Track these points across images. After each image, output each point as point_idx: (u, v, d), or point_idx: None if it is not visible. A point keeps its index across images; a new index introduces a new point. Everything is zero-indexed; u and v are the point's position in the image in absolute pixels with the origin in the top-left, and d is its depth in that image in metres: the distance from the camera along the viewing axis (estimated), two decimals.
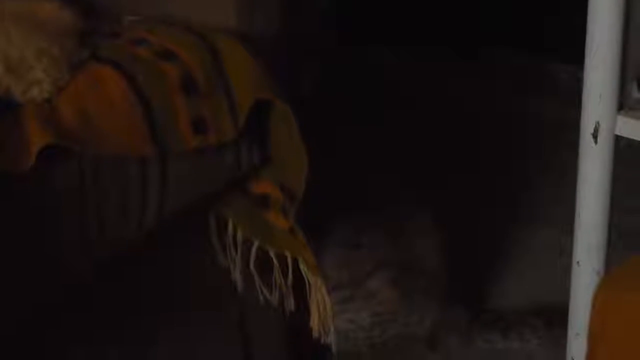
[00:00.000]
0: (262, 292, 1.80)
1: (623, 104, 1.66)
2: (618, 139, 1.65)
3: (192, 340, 1.83)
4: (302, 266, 1.76)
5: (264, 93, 1.66)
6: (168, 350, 1.80)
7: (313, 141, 1.67)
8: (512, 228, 2.44)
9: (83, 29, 1.71)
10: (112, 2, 1.81)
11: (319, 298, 1.79)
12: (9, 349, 1.38)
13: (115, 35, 1.72)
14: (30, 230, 1.48)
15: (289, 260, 1.76)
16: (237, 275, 1.81)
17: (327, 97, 1.99)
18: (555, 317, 2.08)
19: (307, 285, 1.78)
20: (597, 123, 1.65)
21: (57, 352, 1.62)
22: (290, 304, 1.81)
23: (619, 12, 1.60)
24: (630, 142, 1.62)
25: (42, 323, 1.56)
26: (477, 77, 2.82)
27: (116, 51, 1.65)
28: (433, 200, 2.17)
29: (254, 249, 1.76)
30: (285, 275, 1.77)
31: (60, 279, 1.55)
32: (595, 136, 1.66)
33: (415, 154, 2.41)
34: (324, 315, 1.80)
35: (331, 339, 1.85)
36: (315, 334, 1.83)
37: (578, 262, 1.74)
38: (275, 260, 1.76)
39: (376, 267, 2.07)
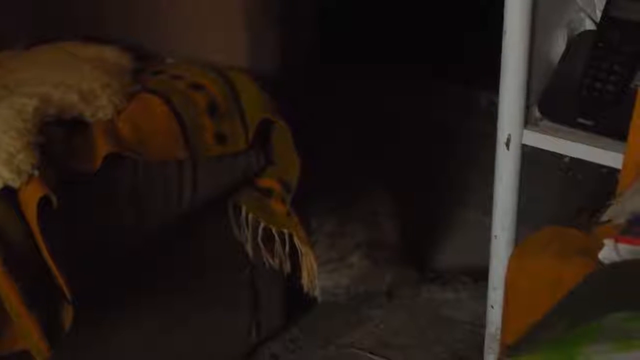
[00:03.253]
0: (266, 259, 1.81)
1: (527, 121, 1.67)
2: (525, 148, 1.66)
3: (217, 291, 1.83)
4: (296, 240, 1.76)
5: (268, 115, 1.66)
6: (199, 299, 1.80)
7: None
8: (448, 210, 2.44)
9: (135, 68, 1.71)
10: (157, 49, 1.81)
11: (308, 263, 1.80)
12: (87, 297, 1.38)
13: (158, 73, 1.71)
14: (99, 214, 1.48)
15: (287, 235, 1.76)
16: (248, 247, 1.81)
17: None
18: (480, 275, 2.08)
19: (300, 254, 1.79)
20: (509, 135, 1.65)
21: (118, 303, 1.61)
22: (287, 267, 1.81)
23: (525, 52, 1.60)
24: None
25: (107, 281, 1.56)
26: (414, 95, 2.78)
27: (160, 84, 1.65)
28: (394, 195, 2.18)
29: (260, 228, 1.76)
30: (283, 247, 1.77)
31: (119, 249, 1.55)
32: (507, 145, 1.66)
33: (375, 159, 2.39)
34: (312, 275, 1.81)
35: (317, 293, 1.85)
36: (305, 289, 1.84)
37: (495, 236, 1.75)
38: (276, 236, 1.76)
39: (355, 248, 2.07)
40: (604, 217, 1.16)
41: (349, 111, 2.51)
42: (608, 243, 1.05)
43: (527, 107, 1.65)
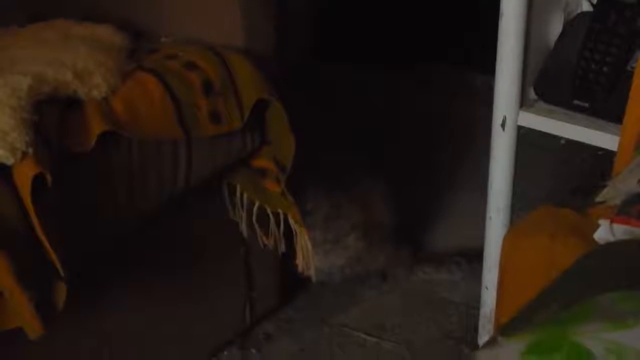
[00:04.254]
0: (261, 238, 1.80)
1: (523, 102, 1.66)
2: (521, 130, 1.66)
3: (211, 270, 1.83)
4: (290, 220, 1.76)
5: (263, 94, 1.66)
6: (194, 278, 1.80)
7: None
8: (443, 191, 2.44)
9: (131, 47, 1.70)
10: (152, 27, 1.80)
11: (303, 243, 1.80)
12: (75, 277, 1.38)
13: (153, 52, 1.70)
14: (93, 192, 1.47)
15: (281, 215, 1.76)
16: (243, 227, 1.81)
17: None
18: (474, 257, 2.08)
19: (294, 234, 1.79)
20: (505, 117, 1.65)
21: (111, 282, 1.61)
22: (282, 247, 1.81)
23: (521, 36, 1.60)
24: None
25: (100, 260, 1.56)
26: (414, 82, 2.78)
27: (155, 63, 1.64)
28: (389, 177, 2.18)
29: (255, 208, 1.76)
30: (278, 227, 1.77)
31: (113, 227, 1.55)
32: (503, 126, 1.66)
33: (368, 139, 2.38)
34: (307, 255, 1.81)
35: (312, 273, 1.85)
36: (299, 270, 1.84)
37: (490, 217, 1.75)
38: (271, 216, 1.76)
39: (350, 229, 2.07)
40: (599, 198, 1.16)
41: (345, 98, 2.52)
42: (603, 223, 1.05)
43: (523, 89, 1.65)
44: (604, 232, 1.04)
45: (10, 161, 1.32)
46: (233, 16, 1.73)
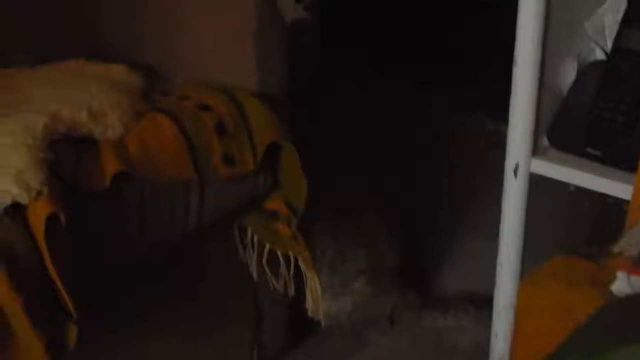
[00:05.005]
0: (271, 281, 1.80)
1: (536, 150, 1.66)
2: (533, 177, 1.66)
3: (221, 312, 1.82)
4: (301, 263, 1.75)
5: (276, 137, 1.66)
6: (204, 319, 1.79)
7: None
8: (452, 235, 2.43)
9: (145, 88, 1.71)
10: (166, 68, 1.81)
11: (313, 287, 1.79)
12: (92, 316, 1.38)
13: (168, 93, 1.71)
14: (105, 232, 1.47)
15: (292, 258, 1.75)
16: (253, 269, 1.80)
17: None
18: (482, 302, 2.07)
19: (305, 277, 1.78)
20: (517, 164, 1.65)
21: (123, 323, 1.60)
22: (292, 290, 1.80)
23: (536, 82, 1.60)
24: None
25: (112, 301, 1.55)
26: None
27: (169, 104, 1.65)
28: (397, 220, 2.18)
29: (266, 250, 1.76)
30: (288, 270, 1.76)
31: (125, 268, 1.54)
32: (515, 173, 1.66)
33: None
34: (317, 299, 1.80)
35: (321, 317, 1.84)
36: (309, 313, 1.83)
37: (501, 264, 1.74)
38: (281, 259, 1.76)
39: (358, 274, 2.07)
40: (616, 249, 1.16)
41: (351, 130, 2.51)
42: (621, 275, 1.04)
43: (536, 136, 1.65)
44: (622, 285, 1.04)
45: (25, 200, 1.33)
46: (247, 57, 1.74)
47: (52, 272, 1.31)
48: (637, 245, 1.11)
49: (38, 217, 1.31)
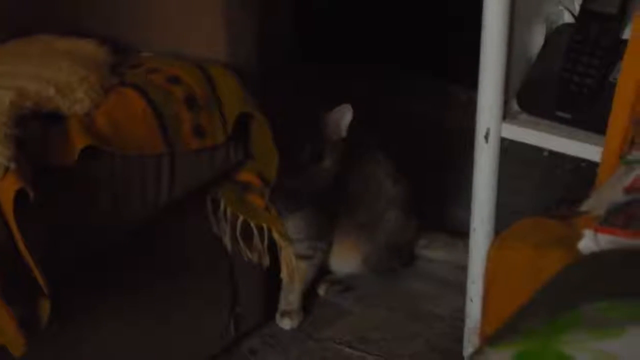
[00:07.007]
0: (245, 253, 1.80)
1: (506, 115, 1.67)
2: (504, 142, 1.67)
3: (195, 285, 1.82)
4: (274, 234, 1.75)
5: (246, 108, 1.65)
6: (178, 293, 1.79)
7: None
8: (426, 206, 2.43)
9: (113, 62, 1.70)
10: (133, 41, 1.80)
11: (287, 257, 1.79)
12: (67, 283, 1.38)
13: (136, 66, 1.70)
14: (75, 207, 1.47)
15: (265, 230, 1.75)
16: (227, 241, 1.80)
17: None
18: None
19: (278, 248, 1.79)
20: (488, 129, 1.66)
21: (95, 298, 1.60)
22: (266, 261, 1.80)
23: (504, 46, 1.60)
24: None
25: (84, 276, 1.55)
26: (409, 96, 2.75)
27: (137, 78, 1.64)
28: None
29: (239, 222, 1.75)
30: (262, 241, 1.77)
31: (96, 243, 1.54)
32: (486, 138, 1.67)
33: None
34: (290, 268, 1.81)
35: (296, 287, 1.85)
36: (284, 283, 1.84)
37: (474, 229, 1.76)
38: (255, 230, 1.76)
39: None
40: (583, 208, 1.17)
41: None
42: (587, 233, 1.05)
43: (506, 101, 1.66)
44: (589, 242, 1.04)
45: None
46: (215, 28, 1.73)
47: (22, 248, 1.31)
48: (604, 204, 1.12)
49: (6, 192, 1.30)
